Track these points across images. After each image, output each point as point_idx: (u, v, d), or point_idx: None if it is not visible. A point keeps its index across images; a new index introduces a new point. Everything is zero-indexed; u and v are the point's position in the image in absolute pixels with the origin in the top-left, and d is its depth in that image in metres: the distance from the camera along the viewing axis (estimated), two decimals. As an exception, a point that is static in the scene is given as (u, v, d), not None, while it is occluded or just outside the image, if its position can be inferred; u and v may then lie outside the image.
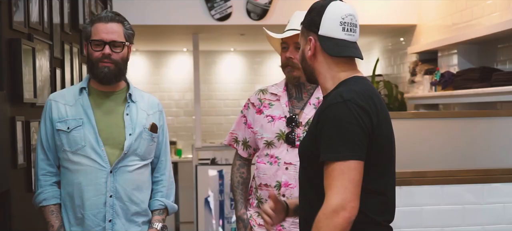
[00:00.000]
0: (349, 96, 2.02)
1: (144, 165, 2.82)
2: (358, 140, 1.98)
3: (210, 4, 6.41)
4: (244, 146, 3.12)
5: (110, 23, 2.72)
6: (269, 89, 3.09)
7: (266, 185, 2.96)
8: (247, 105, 3.10)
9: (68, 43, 3.98)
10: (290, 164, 2.91)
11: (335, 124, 1.99)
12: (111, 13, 2.76)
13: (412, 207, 3.39)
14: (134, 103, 2.82)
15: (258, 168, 3.02)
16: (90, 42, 2.72)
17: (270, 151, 2.96)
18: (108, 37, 2.70)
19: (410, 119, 3.78)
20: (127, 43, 2.75)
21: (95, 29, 2.72)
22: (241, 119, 3.12)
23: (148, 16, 6.39)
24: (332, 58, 2.14)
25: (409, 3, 6.68)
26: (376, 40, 8.31)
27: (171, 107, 9.64)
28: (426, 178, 3.43)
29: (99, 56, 2.70)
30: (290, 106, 2.98)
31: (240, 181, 3.14)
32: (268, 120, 2.98)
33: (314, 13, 2.17)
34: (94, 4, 5.00)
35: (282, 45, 2.99)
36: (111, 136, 2.74)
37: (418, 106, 6.42)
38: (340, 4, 2.15)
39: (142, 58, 9.69)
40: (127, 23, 2.79)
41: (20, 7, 2.95)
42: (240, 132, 3.12)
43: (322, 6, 2.15)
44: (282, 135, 2.93)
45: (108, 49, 2.70)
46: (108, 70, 2.71)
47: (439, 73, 5.65)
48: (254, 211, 3.06)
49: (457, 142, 3.72)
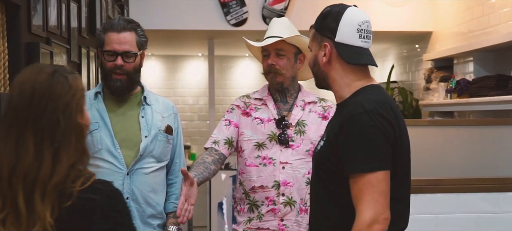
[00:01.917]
0: (371, 106, 1.99)
1: (160, 167, 2.84)
2: (384, 150, 1.96)
3: (226, 10, 6.43)
4: (228, 145, 2.97)
5: (122, 33, 2.71)
6: (252, 95, 3.08)
7: (262, 187, 2.91)
8: (229, 110, 3.05)
9: (85, 47, 4.01)
10: (286, 163, 2.90)
11: (360, 135, 1.97)
12: (123, 21, 2.75)
13: (427, 215, 3.38)
14: (149, 106, 2.84)
15: (247, 171, 2.95)
16: (103, 52, 2.73)
17: (261, 152, 2.93)
18: (120, 48, 2.70)
19: (425, 126, 3.78)
20: (139, 52, 2.76)
21: (108, 39, 2.71)
22: (223, 122, 3.03)
23: (164, 21, 6.42)
24: (348, 66, 2.12)
25: (425, 10, 6.66)
26: (391, 47, 8.29)
27: (185, 112, 9.66)
28: (441, 186, 3.42)
29: (112, 67, 2.70)
30: (277, 109, 2.98)
31: (206, 160, 2.88)
32: (257, 122, 2.96)
33: (329, 19, 2.13)
34: (111, 8, 5.03)
35: (263, 53, 3.01)
36: (127, 138, 2.75)
37: (433, 113, 6.39)
38: (356, 11, 2.13)
39: (157, 62, 9.72)
40: (140, 30, 2.78)
41: (38, 11, 2.98)
42: (220, 134, 2.98)
43: (339, 12, 2.12)
44: (274, 136, 2.93)
45: (120, 60, 2.70)
46: (120, 84, 2.72)
47: (454, 81, 5.63)
48: (246, 218, 2.98)
49: (473, 150, 3.71)
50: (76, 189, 1.62)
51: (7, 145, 1.62)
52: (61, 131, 1.63)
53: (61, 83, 1.66)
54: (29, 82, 1.65)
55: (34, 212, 1.58)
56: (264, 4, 6.44)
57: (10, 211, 1.60)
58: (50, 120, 1.63)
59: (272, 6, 6.42)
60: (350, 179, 1.98)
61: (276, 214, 2.90)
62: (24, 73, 1.69)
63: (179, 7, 6.44)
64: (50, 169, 1.60)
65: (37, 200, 1.58)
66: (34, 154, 1.60)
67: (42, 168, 1.59)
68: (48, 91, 1.64)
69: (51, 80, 1.65)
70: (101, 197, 1.65)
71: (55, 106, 1.64)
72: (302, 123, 2.95)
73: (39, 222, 1.57)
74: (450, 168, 3.66)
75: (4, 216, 1.61)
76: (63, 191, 1.61)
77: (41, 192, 1.59)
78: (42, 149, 1.61)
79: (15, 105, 1.64)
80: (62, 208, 1.59)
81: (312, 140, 2.92)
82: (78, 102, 1.69)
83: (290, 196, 2.89)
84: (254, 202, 2.95)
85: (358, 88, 2.12)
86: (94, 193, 1.63)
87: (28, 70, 1.70)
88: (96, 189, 1.65)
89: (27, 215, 1.59)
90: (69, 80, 1.68)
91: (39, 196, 1.58)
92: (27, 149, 1.60)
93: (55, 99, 1.64)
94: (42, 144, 1.61)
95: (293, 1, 6.47)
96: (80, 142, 1.68)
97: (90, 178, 1.67)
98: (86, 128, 1.73)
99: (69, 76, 1.70)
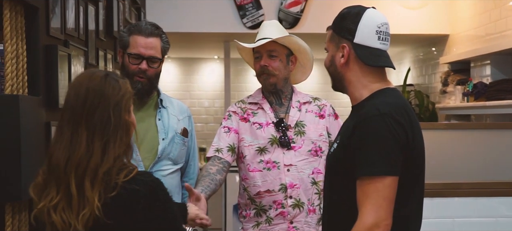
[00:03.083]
0: (385, 110, 1.98)
1: (176, 169, 2.85)
2: (394, 155, 1.95)
3: (242, 12, 6.44)
4: (231, 152, 2.95)
5: (150, 38, 2.72)
6: (246, 100, 3.07)
7: (268, 191, 2.90)
8: (226, 117, 3.02)
9: (103, 50, 4.03)
10: (290, 166, 2.90)
11: (371, 138, 1.96)
12: (150, 26, 2.75)
13: (444, 219, 3.36)
14: (165, 109, 2.85)
15: (251, 177, 2.93)
16: (128, 54, 2.73)
17: (263, 157, 2.92)
18: (146, 53, 2.71)
19: (442, 129, 3.76)
20: (163, 58, 2.78)
21: (134, 41, 2.72)
22: (222, 129, 3.00)
23: (181, 24, 6.44)
24: (366, 67, 2.11)
25: (442, 13, 6.63)
26: (407, 50, 8.26)
27: (201, 114, 9.68)
28: (459, 190, 3.40)
29: (135, 70, 2.71)
30: (274, 112, 2.97)
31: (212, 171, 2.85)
32: (256, 127, 2.95)
33: (348, 20, 2.11)
34: (128, 11, 5.06)
35: (255, 55, 3.01)
36: (144, 141, 2.77)
37: (450, 117, 6.36)
38: (375, 13, 2.12)
39: (173, 65, 9.76)
40: (165, 37, 2.79)
41: (56, 14, 3.00)
42: (222, 141, 2.96)
43: (357, 13, 2.11)
44: (275, 140, 2.92)
45: (145, 64, 2.71)
46: (141, 86, 2.73)
47: (471, 84, 5.60)
48: (254, 223, 2.97)
49: (490, 153, 3.69)
50: (120, 180, 1.79)
51: (64, 139, 1.82)
52: (111, 126, 1.82)
53: (113, 85, 1.86)
54: (84, 84, 1.85)
55: (84, 197, 1.76)
56: (280, 7, 6.45)
57: (63, 197, 1.79)
58: (101, 116, 1.82)
59: (288, 8, 6.42)
60: (357, 181, 1.97)
61: (285, 217, 2.90)
62: (79, 78, 1.90)
63: (195, 10, 6.46)
64: (99, 159, 1.79)
65: (87, 186, 1.76)
66: (85, 146, 1.79)
67: (92, 158, 1.78)
68: (100, 91, 1.84)
69: (103, 82, 1.85)
70: (144, 188, 1.81)
71: (107, 105, 1.83)
72: (301, 123, 2.95)
73: (88, 206, 1.76)
74: (467, 171, 3.64)
75: (57, 202, 1.80)
76: (109, 181, 1.78)
77: (91, 179, 1.77)
78: (93, 142, 1.80)
79: (71, 105, 1.84)
80: (107, 197, 1.77)
81: (312, 139, 2.93)
82: (126, 103, 1.88)
83: (297, 198, 2.88)
84: (261, 207, 2.94)
85: (374, 90, 2.11)
86: (137, 185, 1.80)
87: (83, 75, 1.91)
88: (139, 180, 1.82)
89: (78, 200, 1.77)
90: (119, 83, 1.89)
91: (89, 182, 1.77)
92: (80, 142, 1.79)
93: (107, 99, 1.84)
94: (93, 138, 1.80)
95: (309, 4, 6.47)
96: (126, 137, 1.87)
97: (133, 170, 1.83)
98: (133, 126, 1.91)
99: (120, 79, 1.90)
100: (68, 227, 1.79)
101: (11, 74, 2.53)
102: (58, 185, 1.81)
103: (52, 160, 1.82)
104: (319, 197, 2.92)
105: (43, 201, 1.83)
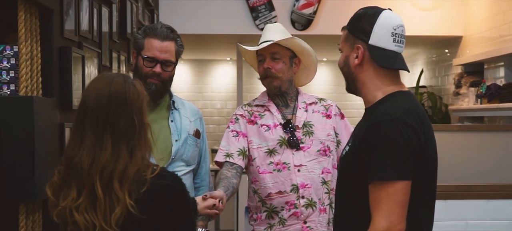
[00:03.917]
0: (397, 114, 1.96)
1: (188, 171, 2.85)
2: (406, 159, 1.93)
3: (254, 14, 6.45)
4: (243, 156, 2.93)
5: (165, 42, 2.71)
6: (253, 103, 3.06)
7: (279, 192, 2.89)
8: (233, 120, 3.01)
9: (116, 52, 4.05)
10: (300, 166, 2.89)
11: (383, 142, 1.94)
12: (166, 29, 2.74)
13: (457, 221, 3.35)
14: (177, 111, 2.86)
15: (262, 179, 2.92)
16: (142, 57, 2.73)
17: (273, 158, 2.91)
18: (161, 56, 2.70)
19: (455, 131, 3.75)
20: (177, 62, 2.78)
21: (149, 44, 2.71)
22: (230, 133, 2.98)
23: (193, 26, 6.46)
24: (380, 69, 2.08)
25: (456, 15, 6.61)
26: (420, 52, 8.24)
27: (213, 116, 9.70)
28: (472, 192, 3.39)
29: (149, 73, 2.70)
30: (281, 114, 2.98)
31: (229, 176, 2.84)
32: (264, 129, 2.95)
33: (364, 20, 2.09)
34: (141, 13, 5.08)
35: (258, 58, 3.00)
36: (157, 143, 2.76)
37: (463, 119, 6.34)
38: (391, 14, 2.10)
39: (186, 66, 9.78)
40: (179, 40, 2.79)
41: (71, 16, 3.02)
42: (232, 146, 2.94)
43: (373, 14, 2.08)
44: (284, 141, 2.91)
45: (159, 68, 2.70)
46: (155, 88, 2.72)
47: (485, 86, 5.58)
48: (266, 225, 2.95)
49: (504, 156, 3.67)
50: (148, 176, 1.88)
51: (86, 143, 1.88)
52: (136, 131, 1.90)
53: (132, 90, 1.93)
54: (106, 90, 1.90)
55: (113, 197, 1.84)
56: (293, 9, 6.45)
57: (86, 199, 1.85)
58: (126, 121, 1.89)
59: (301, 10, 6.42)
60: (369, 186, 1.96)
61: (299, 217, 2.90)
62: (98, 82, 1.94)
63: (208, 11, 6.48)
64: (127, 161, 1.86)
65: (116, 187, 1.84)
66: (111, 151, 1.86)
67: (119, 161, 1.86)
68: (123, 97, 1.90)
69: (124, 88, 1.91)
70: (172, 182, 1.94)
71: (130, 111, 1.90)
72: (308, 124, 2.95)
73: (120, 205, 1.83)
74: (481, 173, 3.62)
75: (79, 203, 1.85)
76: (138, 179, 1.86)
77: (119, 180, 1.84)
78: (119, 147, 1.87)
79: (94, 110, 1.89)
80: (139, 193, 1.85)
81: (321, 139, 2.93)
82: (145, 106, 1.96)
83: (310, 197, 2.89)
84: (272, 209, 2.93)
85: (387, 93, 2.08)
86: (165, 179, 1.91)
87: (101, 80, 1.94)
88: (164, 176, 1.93)
89: (104, 200, 1.84)
90: (136, 87, 1.95)
91: (118, 183, 1.84)
92: (105, 147, 1.86)
93: (130, 104, 1.91)
94: (119, 142, 1.87)
95: (322, 6, 6.47)
96: (148, 138, 1.95)
97: (157, 167, 1.93)
98: (149, 126, 1.97)
99: (135, 83, 1.96)
100: (92, 227, 1.85)
101: (26, 75, 2.55)
102: (80, 186, 1.86)
103: (73, 162, 1.87)
104: (328, 197, 2.93)
105: (61, 200, 1.89)
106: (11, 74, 2.56)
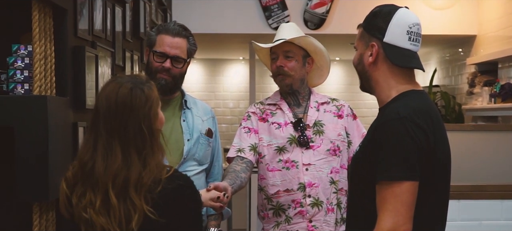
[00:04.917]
0: (405, 113, 1.94)
1: (201, 170, 2.86)
2: (413, 160, 1.91)
3: (267, 13, 6.45)
4: (254, 151, 2.96)
5: (176, 38, 2.75)
6: (265, 102, 3.09)
7: (287, 190, 2.91)
8: (245, 118, 3.04)
9: (129, 51, 4.07)
10: (309, 165, 2.90)
11: (390, 142, 1.92)
12: (178, 27, 2.78)
13: (471, 221, 3.33)
14: (189, 110, 2.87)
15: (270, 176, 2.94)
16: (153, 52, 2.77)
17: (283, 156, 2.93)
18: (171, 52, 2.74)
19: (469, 131, 3.73)
20: (188, 59, 2.80)
21: (161, 40, 2.75)
22: (242, 130, 3.02)
23: (206, 25, 6.47)
24: (394, 68, 2.06)
25: (469, 14, 6.57)
26: (433, 51, 8.20)
27: (226, 115, 9.71)
28: (485, 192, 3.37)
29: (159, 67, 2.74)
30: (292, 112, 2.98)
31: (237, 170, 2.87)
32: (275, 126, 2.97)
33: (379, 18, 2.07)
34: (154, 13, 5.10)
35: (272, 56, 3.02)
36: (169, 142, 2.78)
37: (476, 118, 6.30)
38: (407, 12, 2.08)
39: (199, 66, 9.80)
40: (192, 39, 2.82)
41: (84, 15, 3.03)
42: (243, 141, 2.98)
43: (389, 12, 2.07)
44: (293, 139, 2.93)
45: (169, 63, 2.73)
46: (165, 83, 2.75)
47: (499, 85, 5.55)
48: (274, 223, 2.96)
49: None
50: (163, 177, 1.90)
51: (99, 148, 1.89)
52: (146, 140, 1.91)
53: (139, 97, 1.92)
54: (113, 95, 1.91)
55: (128, 204, 1.85)
56: (306, 8, 6.44)
57: (102, 203, 1.87)
58: (134, 129, 1.89)
59: (314, 9, 6.41)
60: (376, 185, 1.94)
61: (304, 216, 2.90)
62: (108, 87, 1.95)
63: (221, 11, 6.49)
64: (140, 170, 1.87)
65: (133, 195, 1.85)
66: (122, 159, 1.87)
67: (132, 169, 1.87)
68: (129, 104, 1.90)
69: (130, 95, 1.91)
70: (185, 183, 1.96)
71: (137, 119, 1.90)
72: (319, 123, 2.96)
73: (137, 212, 1.85)
74: (494, 173, 3.61)
75: (96, 205, 1.87)
76: (154, 180, 1.88)
77: (134, 186, 1.86)
78: (130, 155, 1.88)
79: (104, 115, 1.91)
80: (155, 194, 1.87)
81: (331, 139, 2.93)
82: (154, 111, 1.95)
83: (316, 197, 2.89)
84: (279, 206, 2.94)
85: (400, 92, 2.06)
86: (179, 180, 1.94)
87: (111, 84, 1.95)
88: (177, 177, 1.95)
89: (119, 207, 1.86)
90: (145, 92, 1.93)
91: (133, 189, 1.86)
92: (115, 154, 1.87)
93: (136, 112, 1.90)
94: (129, 150, 1.88)
95: (334, 5, 6.45)
96: (159, 143, 1.96)
97: (170, 169, 1.95)
98: (160, 130, 1.99)
99: (145, 87, 1.95)
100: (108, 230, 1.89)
101: (40, 75, 2.56)
102: (94, 189, 1.89)
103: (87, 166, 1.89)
104: (337, 196, 2.93)
105: (74, 198, 1.92)
106: (25, 74, 2.58)
